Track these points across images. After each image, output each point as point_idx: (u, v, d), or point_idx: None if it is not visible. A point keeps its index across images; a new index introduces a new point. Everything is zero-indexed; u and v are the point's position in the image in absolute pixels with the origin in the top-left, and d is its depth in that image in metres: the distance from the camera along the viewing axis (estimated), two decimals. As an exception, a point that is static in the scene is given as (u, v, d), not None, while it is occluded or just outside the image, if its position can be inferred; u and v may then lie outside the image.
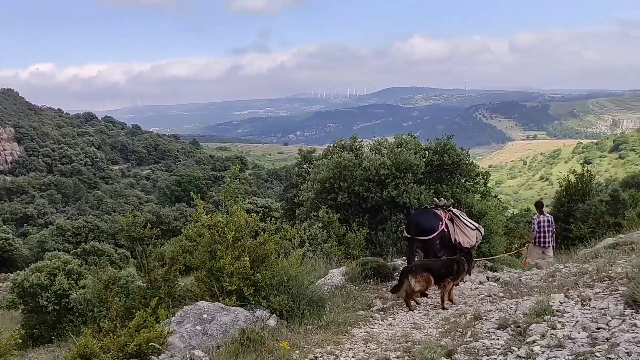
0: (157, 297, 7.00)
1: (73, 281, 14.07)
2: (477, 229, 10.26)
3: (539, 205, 13.91)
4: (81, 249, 32.08)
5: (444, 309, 8.09)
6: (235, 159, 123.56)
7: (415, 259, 9.64)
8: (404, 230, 10.16)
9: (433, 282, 8.27)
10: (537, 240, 13.14)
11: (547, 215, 13.56)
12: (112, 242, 39.37)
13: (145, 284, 8.52)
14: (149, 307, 6.25)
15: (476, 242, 10.15)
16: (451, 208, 10.39)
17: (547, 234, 13.09)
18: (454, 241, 9.84)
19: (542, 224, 13.16)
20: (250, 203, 34.71)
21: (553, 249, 13.37)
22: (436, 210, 10.12)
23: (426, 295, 8.81)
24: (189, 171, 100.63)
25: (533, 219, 13.70)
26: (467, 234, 9.98)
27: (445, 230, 9.80)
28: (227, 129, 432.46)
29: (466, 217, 10.50)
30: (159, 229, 10.08)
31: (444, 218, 9.91)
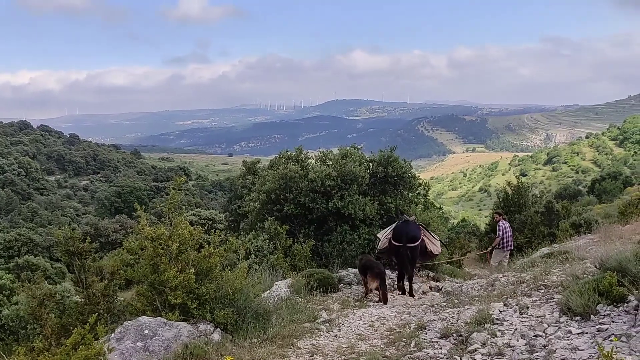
0: (95, 313, 6.73)
1: (5, 297, 13.47)
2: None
3: (500, 212, 14.47)
4: (14, 263, 30.63)
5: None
6: (179, 169, 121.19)
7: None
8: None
9: None
10: (505, 244, 13.60)
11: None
12: (47, 255, 37.73)
13: (82, 300, 8.19)
14: (87, 324, 6.01)
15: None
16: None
17: (510, 238, 13.72)
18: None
19: (507, 229, 13.65)
20: (194, 214, 34.16)
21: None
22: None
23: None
24: (129, 182, 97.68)
25: (499, 225, 14.18)
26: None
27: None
28: (170, 139, 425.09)
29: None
30: (97, 241, 9.77)
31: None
